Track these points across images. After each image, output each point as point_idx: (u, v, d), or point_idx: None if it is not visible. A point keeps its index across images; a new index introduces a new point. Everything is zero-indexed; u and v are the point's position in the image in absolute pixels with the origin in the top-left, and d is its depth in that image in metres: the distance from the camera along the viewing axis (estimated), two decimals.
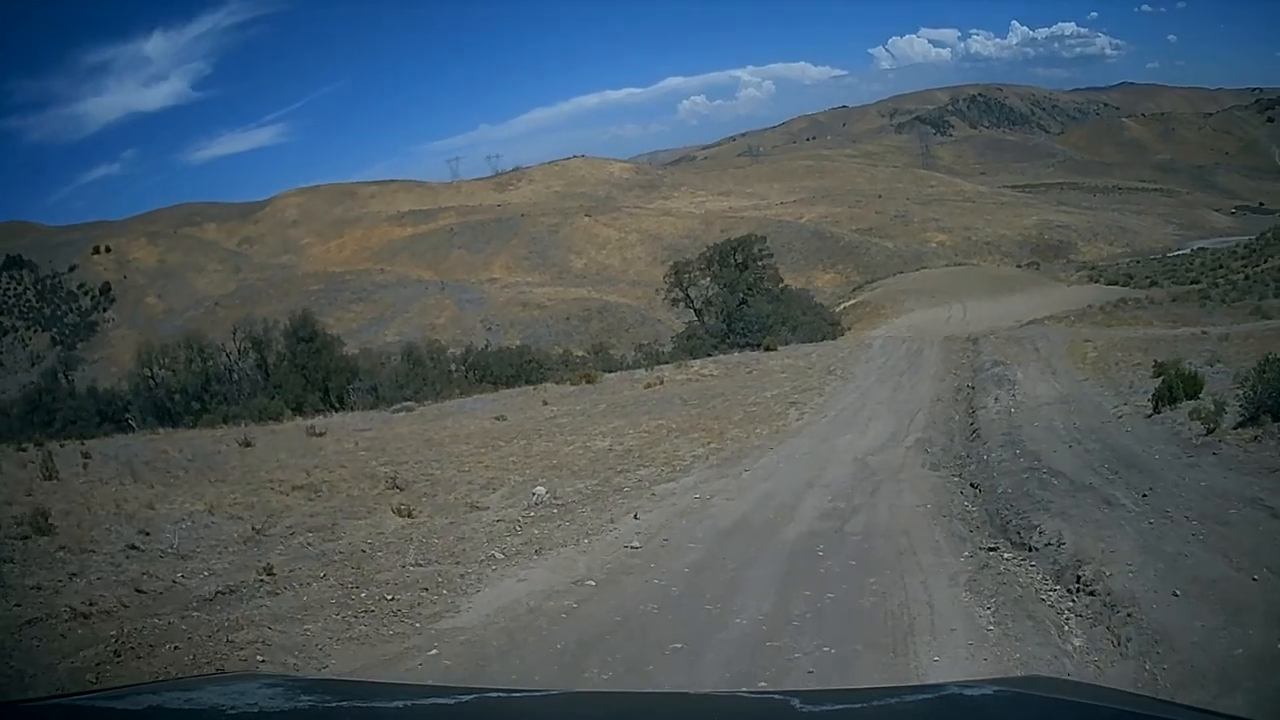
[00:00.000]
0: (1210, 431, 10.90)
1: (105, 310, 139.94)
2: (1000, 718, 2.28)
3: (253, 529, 10.50)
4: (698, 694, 4.43)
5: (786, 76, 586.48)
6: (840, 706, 2.36)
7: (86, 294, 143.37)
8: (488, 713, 2.50)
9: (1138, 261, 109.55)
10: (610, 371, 30.76)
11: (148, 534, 10.08)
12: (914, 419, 16.45)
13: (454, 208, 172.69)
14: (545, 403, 22.47)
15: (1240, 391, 11.73)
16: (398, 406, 24.80)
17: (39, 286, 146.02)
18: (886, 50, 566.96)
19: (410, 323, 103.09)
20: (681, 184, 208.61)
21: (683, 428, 16.75)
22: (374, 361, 38.68)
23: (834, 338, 45.03)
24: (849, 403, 19.38)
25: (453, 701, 2.65)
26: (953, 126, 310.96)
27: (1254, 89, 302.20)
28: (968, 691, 2.54)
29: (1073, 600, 6.69)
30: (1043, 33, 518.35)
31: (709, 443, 15.18)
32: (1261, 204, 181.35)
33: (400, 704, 2.53)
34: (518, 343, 57.70)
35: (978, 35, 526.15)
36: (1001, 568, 7.70)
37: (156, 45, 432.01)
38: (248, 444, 17.56)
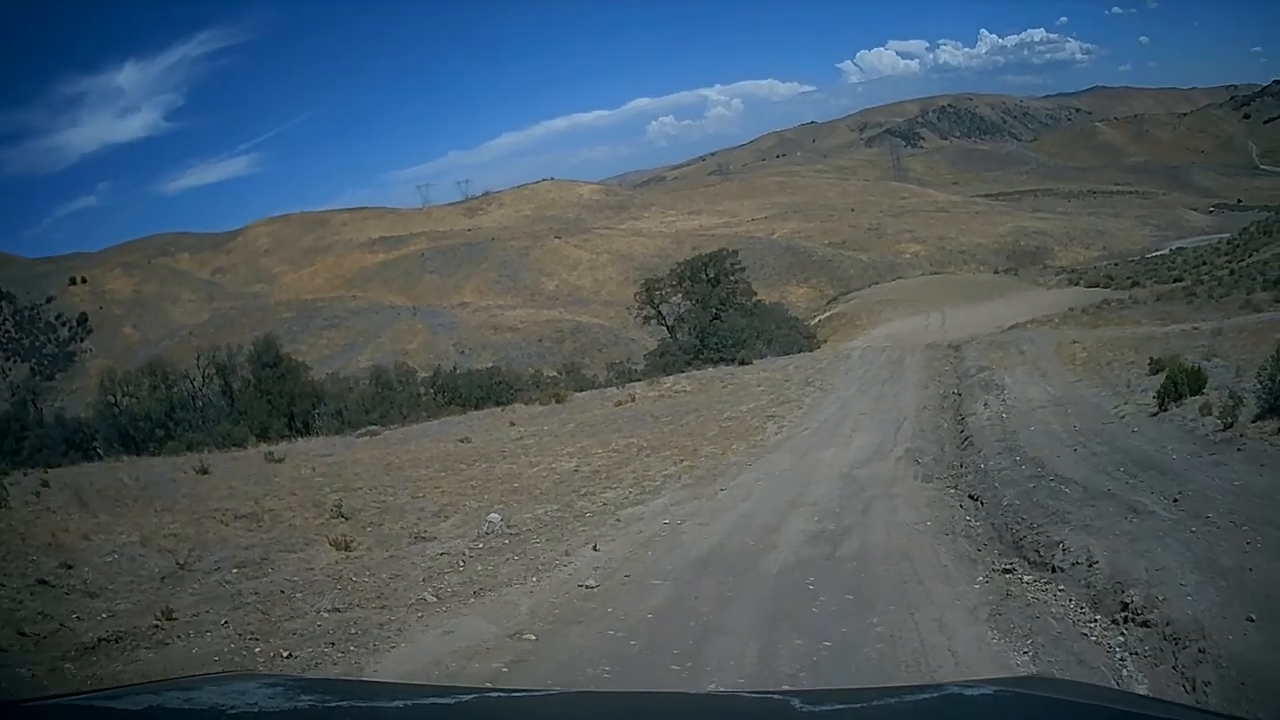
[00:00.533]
0: (1228, 426, 10.20)
1: (83, 340, 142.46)
2: (1000, 718, 2.23)
3: (177, 564, 9.69)
4: (697, 694, 4.34)
5: (754, 94, 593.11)
6: (840, 706, 2.31)
7: (64, 325, 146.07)
8: (488, 713, 2.49)
9: (1116, 263, 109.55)
10: (582, 390, 30.09)
11: (70, 567, 9.52)
12: (900, 428, 15.67)
13: (425, 233, 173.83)
14: (512, 423, 21.76)
15: (1251, 384, 11.11)
16: (362, 431, 24.43)
17: (17, 318, 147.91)
18: (855, 64, 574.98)
19: (383, 348, 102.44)
20: (651, 204, 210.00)
21: (654, 445, 15.90)
22: (341, 386, 37.92)
23: (810, 350, 44.20)
24: (830, 415, 18.55)
25: (453, 701, 2.64)
26: (923, 138, 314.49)
27: (1229, 86, 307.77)
28: (968, 691, 2.50)
29: (1123, 634, 5.53)
30: (1012, 40, 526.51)
31: (681, 460, 14.28)
32: (1240, 201, 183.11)
33: (400, 704, 2.54)
34: (490, 365, 56.61)
35: (946, 45, 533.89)
36: (1028, 596, 6.55)
37: (129, 76, 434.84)
38: (204, 471, 17.17)
